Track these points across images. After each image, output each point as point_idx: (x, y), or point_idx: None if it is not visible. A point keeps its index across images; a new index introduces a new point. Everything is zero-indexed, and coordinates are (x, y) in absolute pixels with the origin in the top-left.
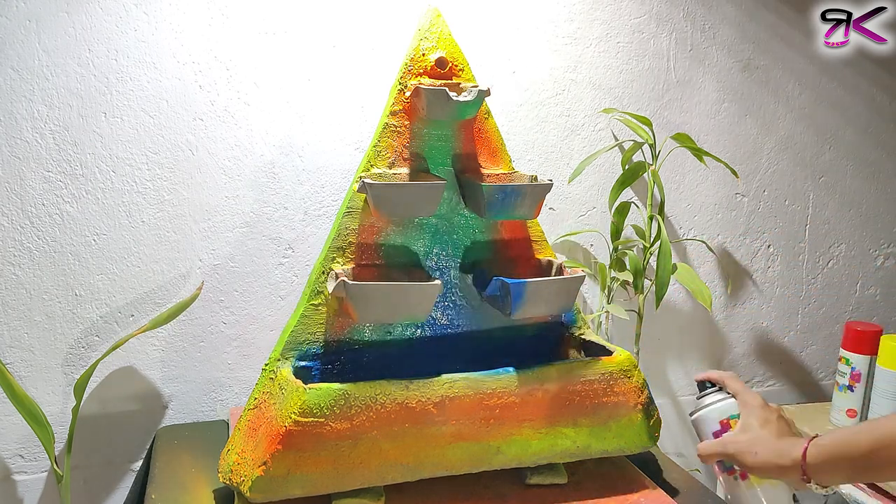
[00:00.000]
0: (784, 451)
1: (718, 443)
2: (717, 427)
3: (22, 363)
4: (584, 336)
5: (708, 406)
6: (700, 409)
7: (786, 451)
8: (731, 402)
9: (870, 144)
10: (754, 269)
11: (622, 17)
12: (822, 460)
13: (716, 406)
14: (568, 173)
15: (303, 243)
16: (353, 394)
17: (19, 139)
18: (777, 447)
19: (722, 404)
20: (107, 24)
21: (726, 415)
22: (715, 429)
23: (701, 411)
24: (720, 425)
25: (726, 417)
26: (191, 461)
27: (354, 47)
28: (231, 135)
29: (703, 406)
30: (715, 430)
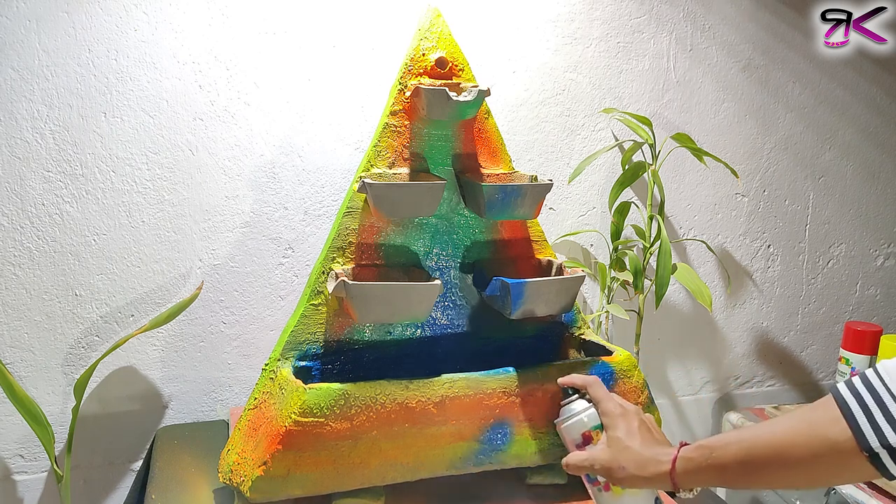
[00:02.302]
0: (651, 465)
1: (585, 458)
2: (580, 440)
3: (22, 363)
4: (584, 336)
5: (570, 417)
6: (563, 419)
7: (653, 464)
8: (593, 413)
9: (870, 144)
10: (754, 269)
11: (622, 17)
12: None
13: (578, 417)
14: (568, 173)
15: (303, 243)
16: (353, 394)
17: (19, 139)
18: (644, 461)
19: (584, 416)
20: (107, 24)
21: (588, 426)
22: (578, 441)
23: (564, 422)
24: (583, 437)
25: (588, 429)
26: (191, 461)
27: (354, 47)
28: (231, 135)
29: (566, 416)
30: (578, 442)
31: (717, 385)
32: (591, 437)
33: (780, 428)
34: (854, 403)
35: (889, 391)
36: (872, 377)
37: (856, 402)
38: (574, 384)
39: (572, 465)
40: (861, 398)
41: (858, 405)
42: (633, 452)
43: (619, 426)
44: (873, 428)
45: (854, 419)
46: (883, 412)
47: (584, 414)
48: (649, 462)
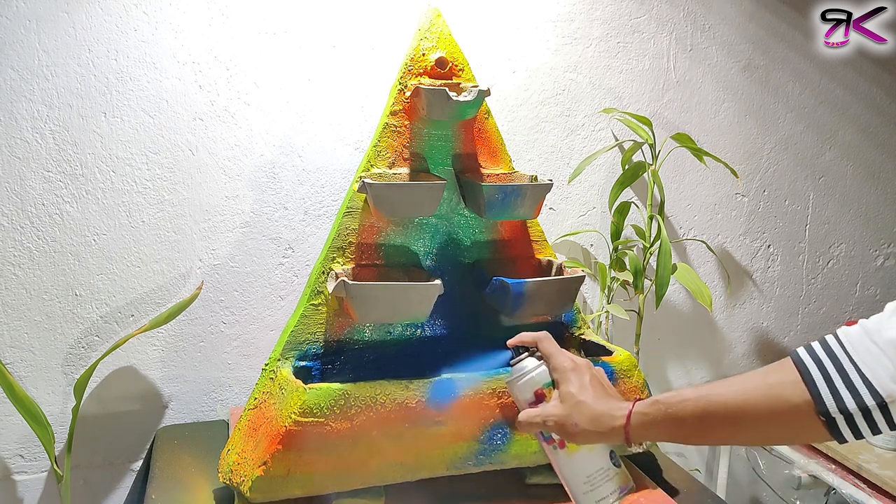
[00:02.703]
0: (605, 420)
1: (538, 414)
2: (532, 398)
3: (22, 363)
4: (584, 336)
5: (522, 376)
6: (513, 378)
7: (606, 419)
8: (543, 370)
9: (870, 144)
10: (754, 269)
11: (622, 17)
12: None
13: (529, 376)
14: (568, 173)
15: (303, 243)
16: (353, 394)
17: (19, 139)
18: (597, 415)
19: (534, 373)
20: (107, 24)
21: (539, 384)
22: (530, 399)
23: (515, 382)
24: (535, 395)
25: (540, 387)
26: (191, 461)
27: (354, 47)
28: (231, 135)
29: (516, 375)
30: (530, 400)
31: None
32: (543, 394)
33: (738, 387)
34: (814, 367)
35: (849, 357)
36: (833, 343)
37: (815, 366)
38: (524, 342)
39: (524, 423)
40: (821, 363)
41: (818, 369)
42: (587, 407)
43: (570, 381)
44: (832, 392)
45: (814, 383)
46: (843, 378)
47: (535, 371)
48: (603, 416)
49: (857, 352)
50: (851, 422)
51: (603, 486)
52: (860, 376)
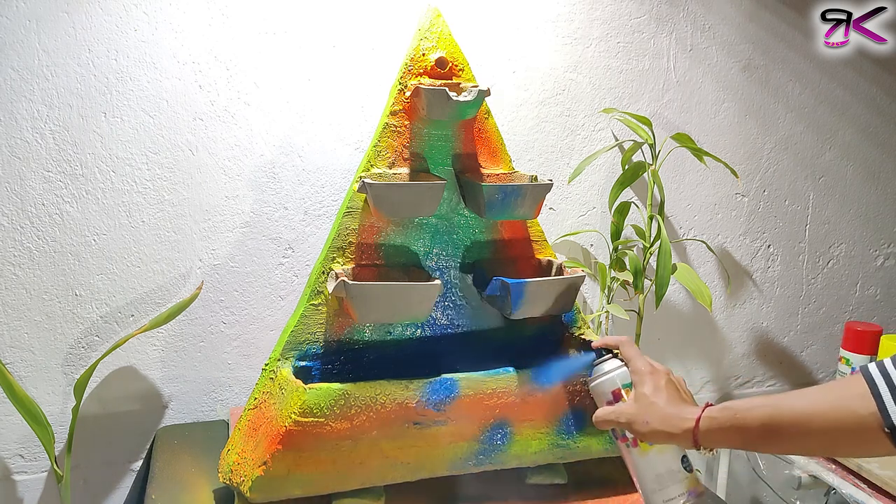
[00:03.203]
0: (675, 421)
1: (612, 412)
2: (610, 397)
3: (22, 363)
4: (584, 336)
5: (602, 376)
6: (595, 378)
7: (677, 420)
8: (623, 371)
9: (870, 144)
10: (754, 269)
11: (622, 17)
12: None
13: (608, 376)
14: (568, 173)
15: (303, 243)
16: (353, 394)
17: (19, 139)
18: (668, 416)
19: (614, 374)
20: (107, 24)
21: (618, 384)
22: (608, 398)
23: (595, 381)
24: (613, 395)
25: (618, 387)
26: (191, 461)
27: (354, 47)
28: (231, 135)
29: (597, 375)
30: (608, 399)
31: (717, 385)
32: (620, 394)
33: (807, 397)
34: (882, 382)
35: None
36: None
37: (884, 381)
38: (607, 344)
39: (600, 419)
40: (890, 378)
41: (886, 384)
42: (658, 408)
43: (646, 382)
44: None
45: (881, 396)
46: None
47: (615, 372)
48: (673, 418)
49: None
50: None
51: (672, 487)
52: None
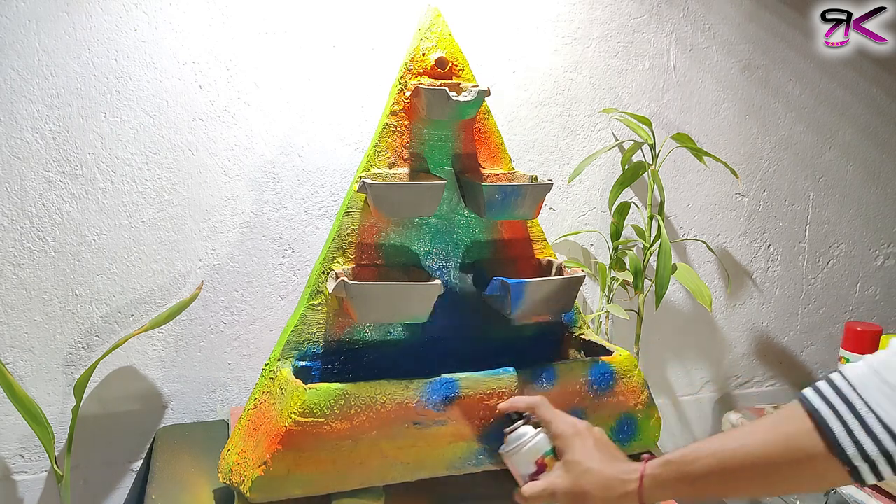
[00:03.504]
0: (616, 485)
1: (544, 487)
2: (534, 469)
3: (22, 363)
4: (584, 336)
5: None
6: (511, 449)
7: (618, 484)
8: (543, 438)
9: (870, 144)
10: (754, 269)
11: (622, 17)
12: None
13: (528, 445)
14: (568, 173)
15: (303, 243)
16: (353, 394)
17: (19, 139)
18: (607, 481)
19: (534, 442)
20: (107, 24)
21: (540, 453)
22: (531, 471)
23: (513, 452)
24: (536, 466)
25: (541, 456)
26: (191, 461)
27: (354, 47)
28: (231, 135)
29: (514, 444)
30: (531, 471)
31: (717, 385)
32: (545, 464)
33: (753, 440)
34: (829, 414)
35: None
36: (842, 384)
37: (830, 412)
38: (517, 408)
39: (530, 497)
40: (834, 408)
41: (834, 416)
42: (595, 474)
43: (574, 447)
44: (853, 441)
45: (832, 432)
46: (861, 424)
47: (535, 439)
48: (614, 482)
49: (870, 393)
50: (874, 467)
51: None
52: (878, 421)
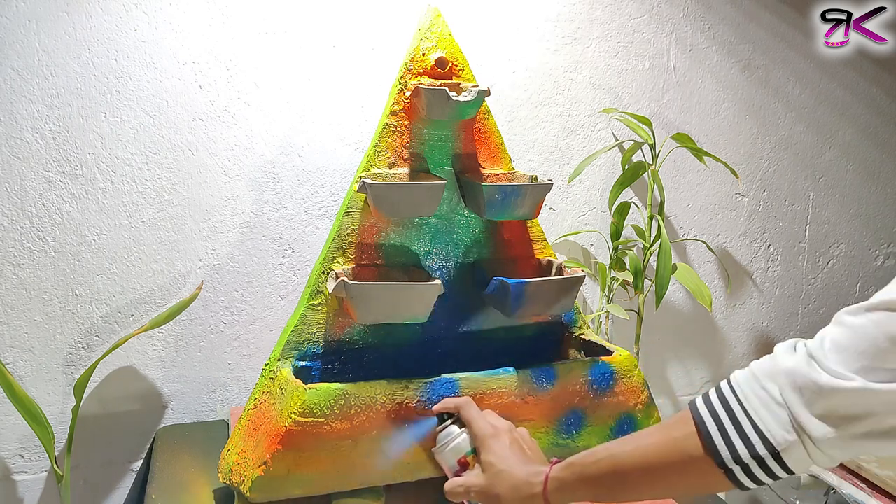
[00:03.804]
0: (524, 488)
1: (461, 484)
2: (457, 467)
3: (22, 363)
4: (584, 336)
5: (445, 444)
6: (439, 447)
7: (525, 487)
8: (466, 438)
9: (870, 144)
10: (754, 269)
11: (622, 17)
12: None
13: (452, 445)
14: (568, 173)
15: (303, 243)
16: (353, 394)
17: (19, 139)
18: (517, 484)
19: (457, 442)
20: (107, 24)
21: (462, 453)
22: (455, 469)
23: (440, 450)
24: (459, 464)
25: (463, 455)
26: (191, 461)
27: (354, 47)
28: (231, 135)
29: (441, 443)
30: (455, 469)
31: None
32: (467, 462)
33: (645, 443)
34: (709, 419)
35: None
36: (727, 391)
37: (711, 418)
38: (447, 409)
39: (449, 493)
40: (716, 414)
41: (713, 421)
42: (506, 476)
43: (490, 448)
44: (727, 444)
45: (709, 436)
46: (736, 428)
47: (459, 439)
48: (522, 485)
49: (748, 398)
50: (748, 471)
51: None
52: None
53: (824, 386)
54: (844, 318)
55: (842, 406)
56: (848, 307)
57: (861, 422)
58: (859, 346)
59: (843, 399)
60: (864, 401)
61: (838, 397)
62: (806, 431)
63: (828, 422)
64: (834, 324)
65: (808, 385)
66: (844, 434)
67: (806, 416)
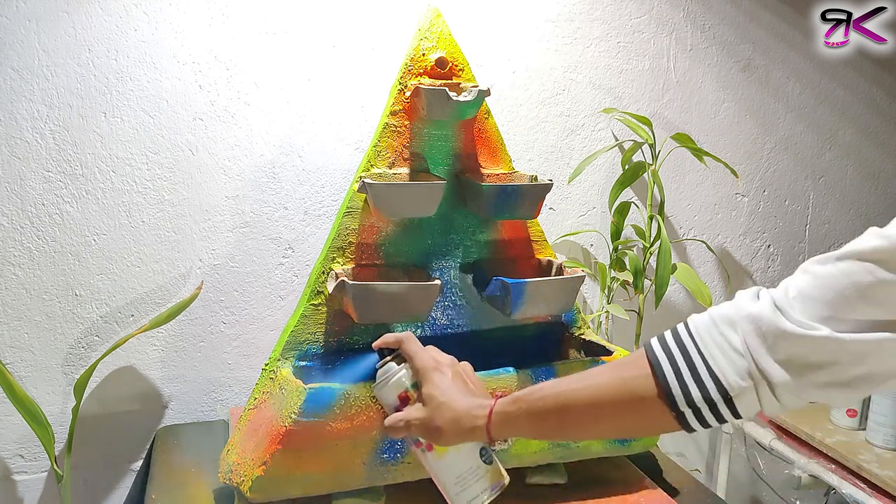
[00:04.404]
0: (466, 421)
1: (401, 418)
2: (397, 402)
3: (22, 363)
4: (584, 336)
5: (385, 380)
6: (378, 383)
7: (467, 419)
8: (406, 372)
9: (870, 144)
10: (754, 269)
11: (622, 17)
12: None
13: (393, 380)
14: (568, 173)
15: (303, 243)
16: (353, 394)
17: (19, 139)
18: (458, 416)
19: (398, 377)
20: (107, 24)
21: (403, 387)
22: (395, 404)
23: (380, 386)
24: (399, 399)
25: (403, 390)
26: (191, 461)
27: (354, 47)
28: (231, 135)
29: (381, 379)
30: (396, 405)
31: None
32: (407, 397)
33: (594, 381)
34: (665, 361)
35: (697, 348)
36: (684, 334)
37: (667, 360)
38: (387, 343)
39: (389, 428)
40: (672, 357)
41: (669, 363)
42: (448, 408)
43: (432, 381)
44: (681, 387)
45: (664, 377)
46: (691, 372)
47: (399, 374)
48: (464, 417)
49: (705, 343)
50: (699, 414)
51: (474, 486)
52: (707, 370)
53: (790, 333)
54: (812, 268)
55: (806, 354)
56: (817, 256)
57: (824, 370)
58: (826, 295)
59: (808, 347)
60: (830, 350)
61: (803, 345)
62: (766, 377)
63: (790, 368)
64: (800, 272)
65: (773, 331)
66: (805, 382)
67: (768, 361)
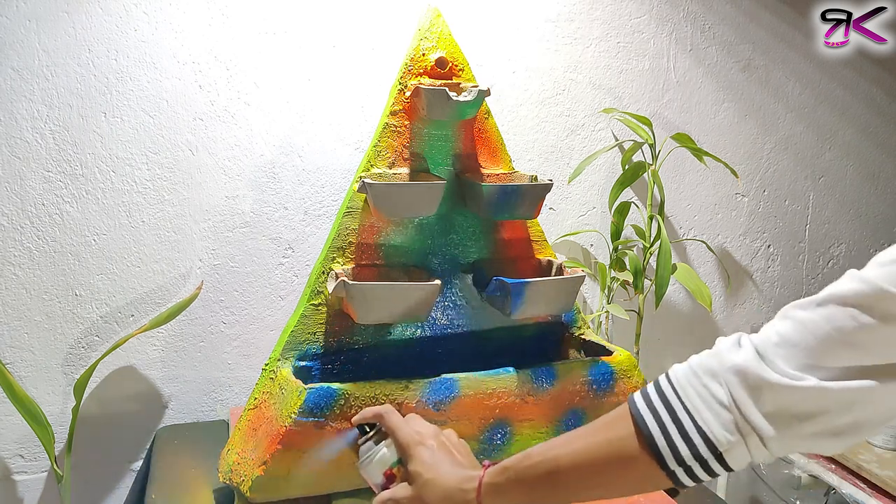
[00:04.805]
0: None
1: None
2: (383, 479)
3: (22, 363)
4: (584, 336)
5: (369, 458)
6: (362, 462)
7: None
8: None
9: (870, 144)
10: (754, 269)
11: (622, 17)
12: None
13: (376, 458)
14: (568, 173)
15: (303, 243)
16: (353, 394)
17: (19, 139)
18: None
19: (382, 454)
20: (107, 24)
21: (388, 464)
22: (381, 482)
23: (364, 465)
24: (385, 477)
25: (388, 468)
26: (191, 461)
27: (354, 47)
28: (231, 135)
29: (364, 457)
30: (381, 483)
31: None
32: (393, 475)
33: (583, 444)
34: (650, 418)
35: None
36: (665, 386)
37: (651, 417)
38: (366, 419)
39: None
40: (657, 413)
41: (654, 420)
42: (435, 486)
43: (416, 457)
44: (669, 446)
45: (651, 437)
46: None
47: (382, 451)
48: (454, 492)
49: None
50: (690, 472)
51: None
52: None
53: (775, 384)
54: (794, 313)
55: (794, 405)
56: (797, 301)
57: (812, 421)
58: (809, 342)
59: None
60: (817, 400)
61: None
62: (756, 430)
63: (778, 420)
64: (780, 318)
65: (759, 383)
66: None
67: (755, 414)
